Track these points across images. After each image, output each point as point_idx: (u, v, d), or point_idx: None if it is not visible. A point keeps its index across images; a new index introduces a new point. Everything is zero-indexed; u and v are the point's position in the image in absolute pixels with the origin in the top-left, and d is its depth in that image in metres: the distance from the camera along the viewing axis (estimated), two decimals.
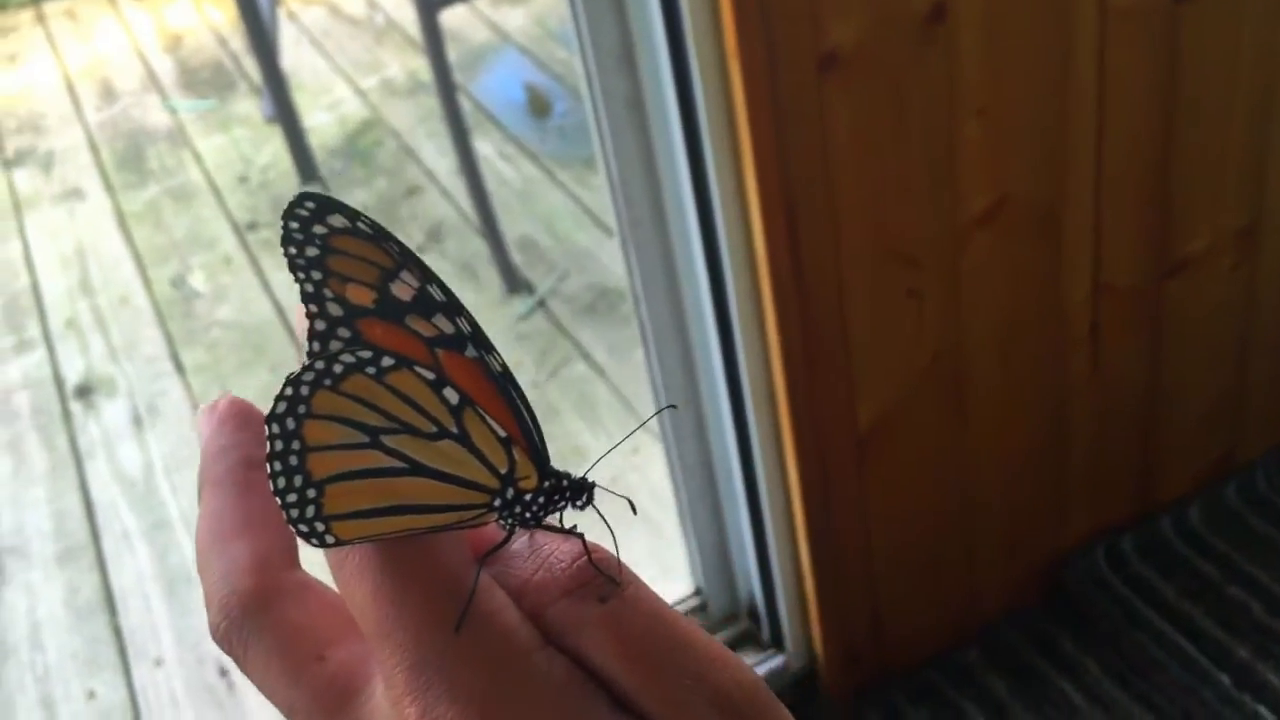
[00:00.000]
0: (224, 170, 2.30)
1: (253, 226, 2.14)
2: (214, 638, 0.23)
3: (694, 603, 1.25)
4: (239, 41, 2.68)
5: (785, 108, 0.88)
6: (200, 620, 1.46)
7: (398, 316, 0.22)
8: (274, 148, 2.32)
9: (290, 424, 0.22)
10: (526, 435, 0.23)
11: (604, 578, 0.22)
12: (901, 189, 0.97)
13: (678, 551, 1.26)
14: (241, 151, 2.35)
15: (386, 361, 0.22)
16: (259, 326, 1.92)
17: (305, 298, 0.22)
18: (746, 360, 1.01)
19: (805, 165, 0.91)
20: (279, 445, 0.22)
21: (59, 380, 1.88)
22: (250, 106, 2.49)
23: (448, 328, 0.23)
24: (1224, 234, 1.15)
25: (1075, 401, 1.17)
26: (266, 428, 0.22)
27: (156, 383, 1.84)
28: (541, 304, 1.88)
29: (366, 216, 0.23)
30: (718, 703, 0.21)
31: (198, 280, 2.00)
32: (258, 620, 0.22)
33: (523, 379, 1.78)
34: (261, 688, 0.23)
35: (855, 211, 0.95)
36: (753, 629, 1.25)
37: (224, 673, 1.41)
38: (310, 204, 0.22)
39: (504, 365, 0.23)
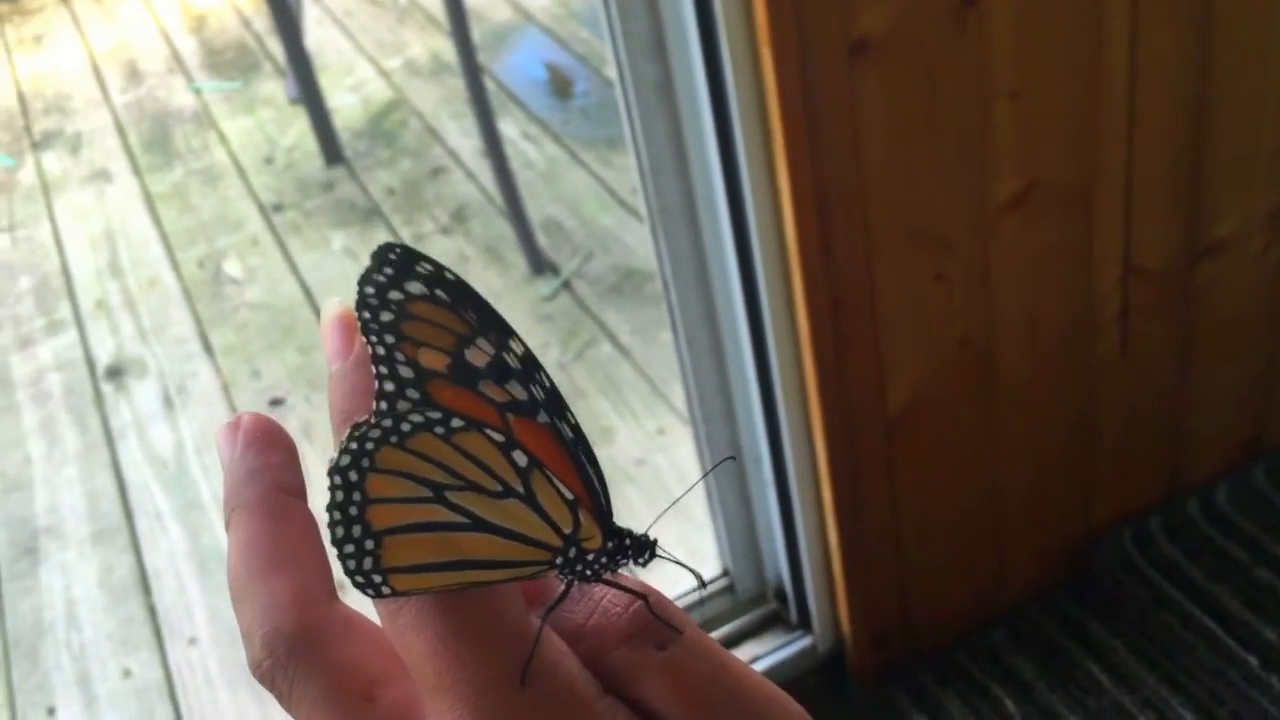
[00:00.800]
0: (249, 152, 2.31)
1: (279, 208, 2.15)
2: (255, 675, 0.22)
3: (722, 584, 1.26)
4: (263, 22, 2.69)
5: (816, 93, 0.89)
6: None
7: (470, 382, 0.23)
8: (298, 129, 2.33)
9: (353, 476, 0.22)
10: (593, 496, 0.23)
11: (661, 624, 0.22)
12: (932, 173, 0.97)
13: (705, 534, 1.27)
14: (266, 133, 2.36)
15: (456, 423, 0.22)
16: (287, 308, 1.93)
17: (376, 360, 0.22)
18: (776, 344, 1.02)
19: (836, 150, 0.92)
20: (339, 496, 0.22)
21: (90, 361, 1.90)
22: (275, 88, 2.50)
23: (520, 394, 0.23)
24: (1254, 216, 1.15)
25: (1104, 384, 1.17)
26: (329, 479, 0.22)
27: (186, 364, 1.86)
28: (566, 285, 1.89)
29: (450, 275, 0.23)
30: None
31: (233, 267, 2.01)
32: (304, 659, 0.22)
33: (548, 361, 1.79)
34: None
35: (885, 196, 0.95)
36: (780, 610, 1.26)
37: None
38: (392, 262, 0.22)
39: (576, 427, 0.23)
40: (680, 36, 0.92)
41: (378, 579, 0.22)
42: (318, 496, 0.24)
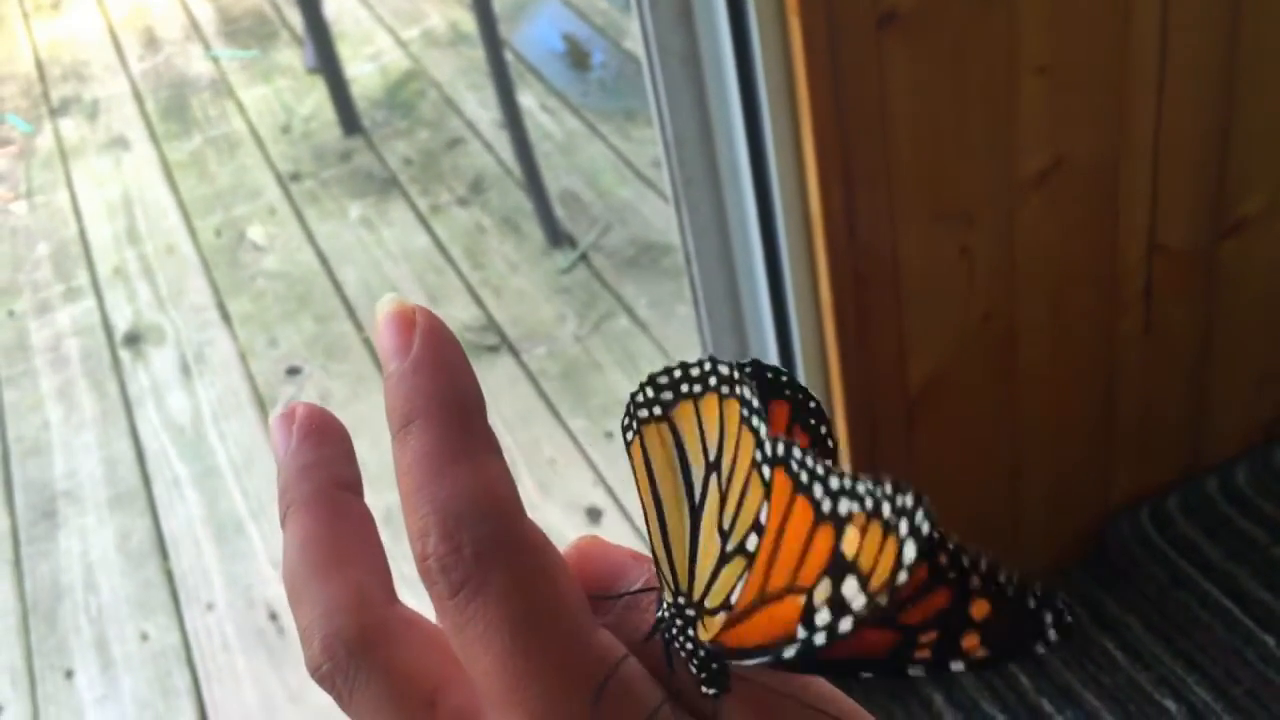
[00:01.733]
0: (266, 120, 2.31)
1: (296, 177, 2.15)
2: (314, 678, 0.22)
3: None
4: None
5: (844, 64, 0.88)
6: (250, 566, 1.49)
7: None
8: (316, 98, 2.33)
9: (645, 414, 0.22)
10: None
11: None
12: (958, 147, 0.96)
13: None
14: (284, 102, 2.36)
15: (766, 474, 0.21)
16: (304, 276, 1.93)
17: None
18: (798, 318, 1.01)
19: (862, 122, 0.91)
20: (642, 413, 0.22)
21: (108, 328, 1.90)
22: (292, 56, 2.49)
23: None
24: None
25: (1125, 362, 1.17)
26: (633, 400, 0.22)
27: (204, 332, 1.86)
28: (583, 258, 1.88)
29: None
30: None
31: (256, 233, 2.02)
32: (364, 663, 0.21)
33: (565, 332, 1.79)
34: None
35: (911, 169, 0.95)
36: None
37: (274, 617, 1.44)
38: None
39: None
40: (707, 6, 0.91)
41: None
42: (369, 488, 0.24)
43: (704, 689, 0.21)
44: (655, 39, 0.94)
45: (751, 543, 0.20)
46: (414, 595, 0.23)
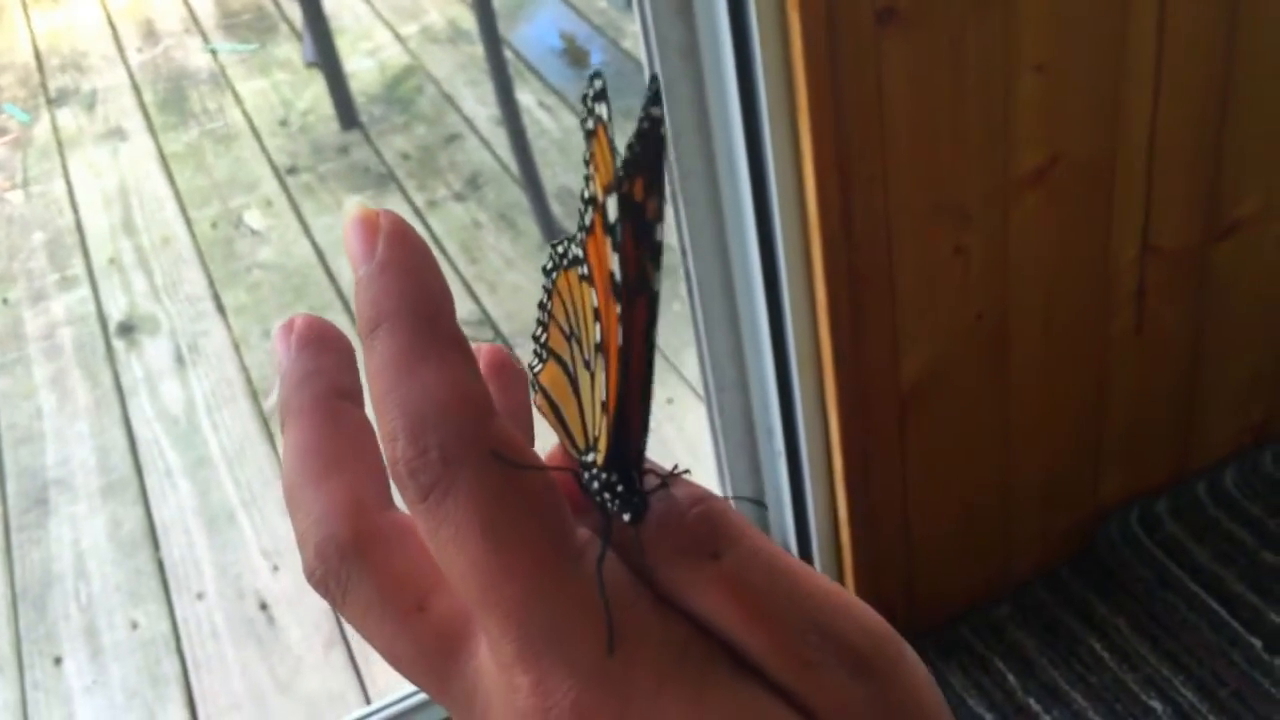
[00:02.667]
0: (264, 114, 2.31)
1: (293, 170, 2.15)
2: (310, 582, 0.22)
3: None
4: None
5: (842, 60, 0.88)
6: (240, 556, 1.49)
7: (608, 229, 0.20)
8: (314, 92, 2.33)
9: (546, 285, 0.23)
10: (621, 417, 0.21)
11: (715, 531, 0.20)
12: (955, 144, 0.97)
13: None
14: (282, 95, 2.36)
15: (584, 270, 0.22)
16: (299, 269, 1.94)
17: (585, 161, 0.22)
18: (793, 314, 1.02)
19: (860, 118, 0.92)
20: (542, 298, 0.23)
21: (102, 318, 1.90)
22: (291, 50, 2.49)
23: (615, 270, 0.20)
24: (1275, 199, 1.14)
25: (1117, 363, 1.17)
26: (544, 278, 0.23)
27: (198, 322, 1.86)
28: None
29: (645, 126, 0.20)
30: (846, 659, 0.20)
31: (254, 218, 2.01)
32: (356, 567, 0.21)
33: None
34: (361, 633, 0.22)
35: (907, 166, 0.95)
36: None
37: (264, 607, 1.44)
38: (597, 84, 0.21)
39: (648, 333, 0.21)
40: (709, 7, 0.92)
41: (534, 386, 0.23)
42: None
43: (627, 521, 0.21)
44: (655, 31, 0.94)
45: (586, 350, 0.22)
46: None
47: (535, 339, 0.23)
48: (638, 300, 0.20)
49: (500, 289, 1.84)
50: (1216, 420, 1.30)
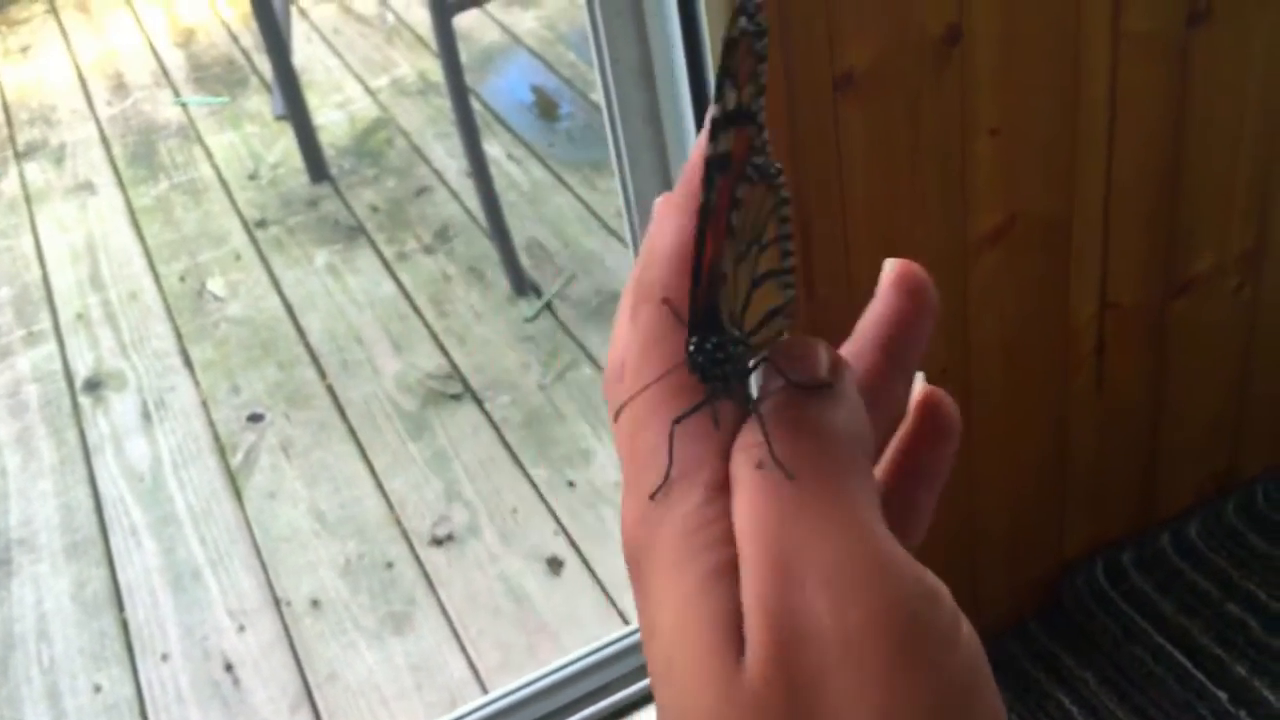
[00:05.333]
0: (234, 167, 2.32)
1: (262, 224, 2.15)
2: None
3: None
4: (250, 38, 2.70)
5: (801, 125, 0.90)
6: (206, 616, 1.48)
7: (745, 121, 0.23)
8: (284, 145, 2.34)
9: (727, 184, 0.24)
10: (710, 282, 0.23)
11: (767, 440, 0.22)
12: (913, 206, 0.98)
13: None
14: (252, 148, 2.37)
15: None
16: (267, 323, 1.93)
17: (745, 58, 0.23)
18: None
19: (819, 182, 0.93)
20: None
21: (69, 374, 1.89)
22: (261, 103, 2.50)
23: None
24: (1229, 256, 1.16)
25: (1078, 417, 1.19)
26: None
27: (165, 378, 1.85)
28: (548, 307, 1.89)
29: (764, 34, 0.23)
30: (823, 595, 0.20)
31: (216, 285, 2.01)
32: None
33: (529, 381, 1.79)
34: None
35: (867, 227, 0.96)
36: None
37: (229, 668, 1.42)
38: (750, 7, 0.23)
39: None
40: (668, 66, 0.93)
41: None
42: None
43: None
44: (617, 96, 0.95)
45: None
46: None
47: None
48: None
49: (469, 342, 1.84)
50: (1179, 470, 1.31)
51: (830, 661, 0.19)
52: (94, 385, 1.86)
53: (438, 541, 1.54)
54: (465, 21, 2.54)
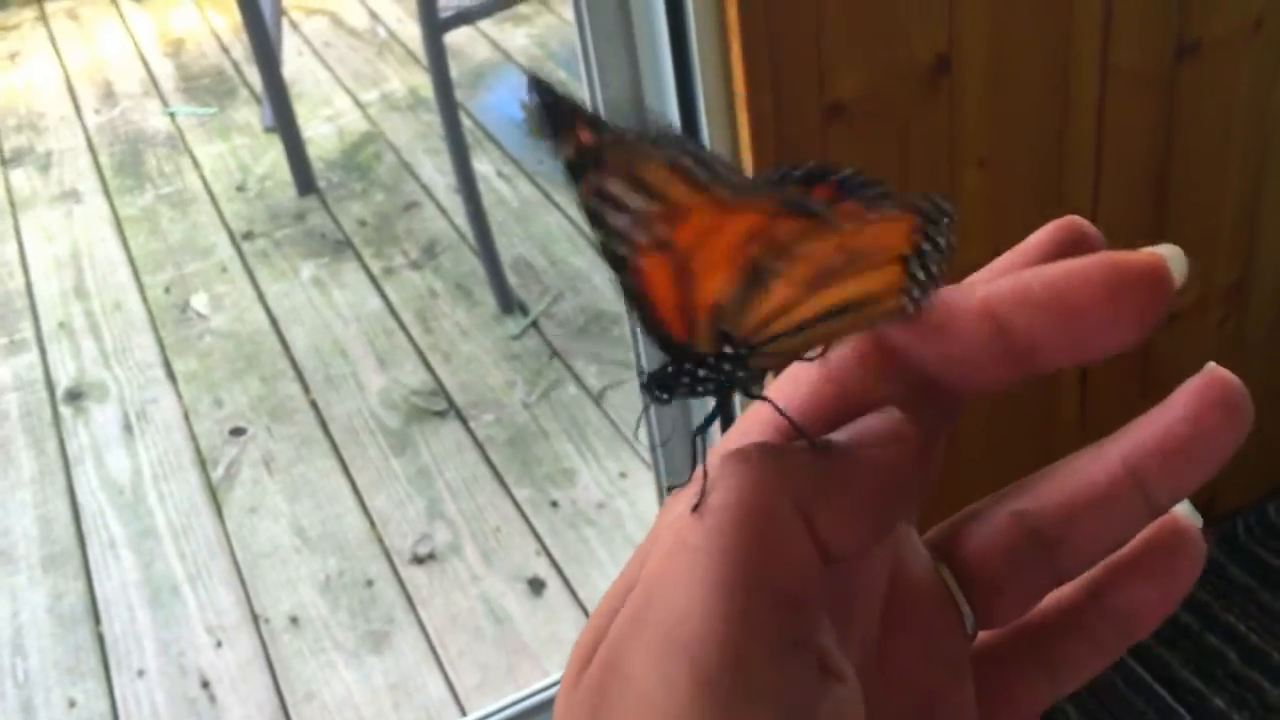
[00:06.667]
0: (222, 178, 2.31)
1: (249, 236, 2.15)
2: None
3: None
4: (241, 49, 2.69)
5: (790, 153, 0.90)
6: (183, 632, 1.47)
7: None
8: (272, 157, 2.33)
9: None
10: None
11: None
12: None
13: None
14: (240, 160, 2.36)
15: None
16: (252, 336, 1.92)
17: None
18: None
19: None
20: None
21: (50, 383, 1.88)
22: (250, 114, 2.50)
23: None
24: (1213, 289, 1.17)
25: (1061, 450, 1.18)
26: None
27: (148, 390, 1.84)
28: (534, 325, 1.89)
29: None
30: None
31: (200, 301, 2.00)
32: None
33: (513, 399, 1.78)
34: None
35: None
36: None
37: (205, 685, 1.41)
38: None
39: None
40: (659, 95, 0.93)
41: None
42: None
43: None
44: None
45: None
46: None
47: None
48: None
49: (454, 359, 1.84)
50: None
51: (628, 705, 0.19)
52: (75, 395, 1.85)
53: (419, 560, 1.53)
54: (456, 38, 2.54)
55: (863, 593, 0.22)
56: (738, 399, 0.23)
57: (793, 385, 0.23)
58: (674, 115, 0.93)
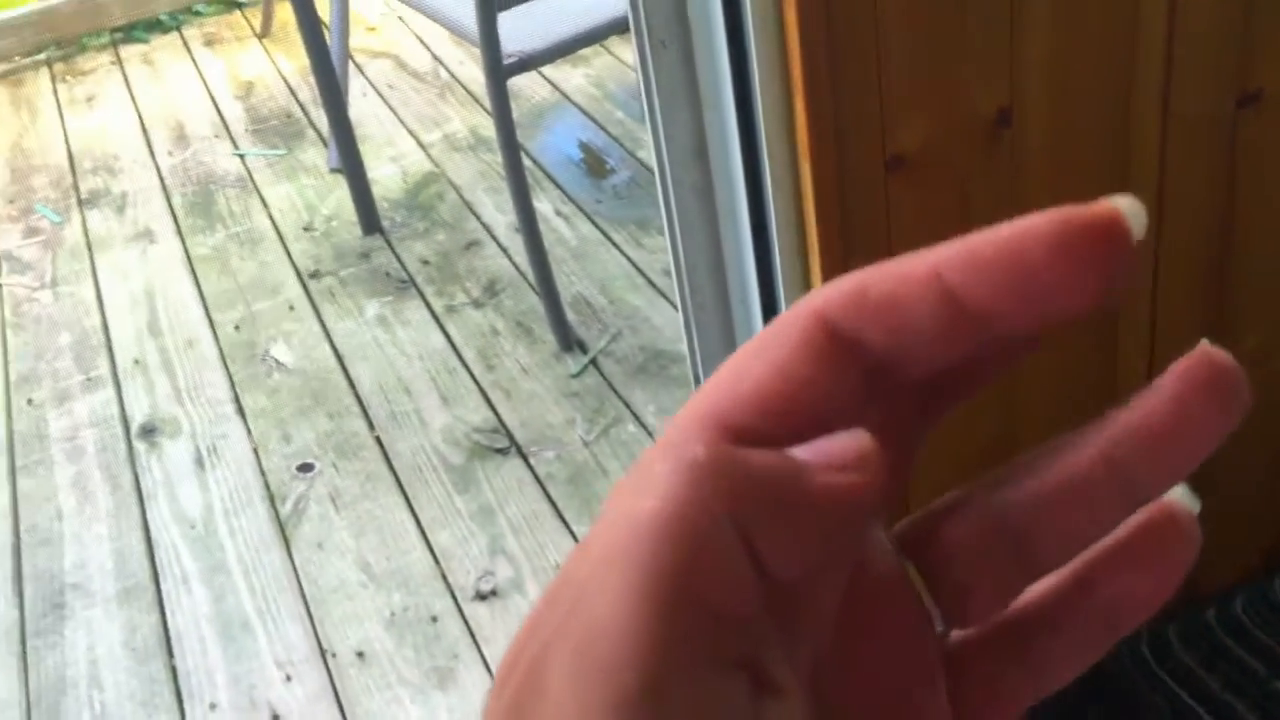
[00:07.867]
0: (289, 218, 2.37)
1: (315, 275, 2.20)
2: None
3: None
4: (308, 91, 2.76)
5: (852, 206, 0.92)
6: (254, 666, 1.50)
7: None
8: (338, 197, 2.39)
9: None
10: None
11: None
12: None
13: None
14: (307, 200, 2.42)
15: None
16: (319, 373, 1.97)
17: None
18: None
19: (868, 260, 0.94)
20: None
21: (125, 419, 1.93)
22: (317, 156, 2.56)
23: None
24: (1276, 335, 1.17)
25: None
26: None
27: (219, 425, 1.89)
28: (594, 363, 1.92)
29: None
30: None
31: (281, 351, 2.04)
32: None
33: (573, 437, 1.81)
34: None
35: None
36: None
37: (275, 718, 1.44)
38: None
39: None
40: (722, 144, 0.95)
41: None
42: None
43: None
44: (670, 171, 0.98)
45: None
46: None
47: None
48: None
49: (515, 396, 1.87)
50: (1223, 547, 1.30)
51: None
52: (149, 431, 1.90)
53: (481, 596, 1.56)
54: (516, 80, 2.59)
55: (813, 601, 0.21)
56: None
57: (735, 378, 0.21)
58: (737, 165, 0.95)
